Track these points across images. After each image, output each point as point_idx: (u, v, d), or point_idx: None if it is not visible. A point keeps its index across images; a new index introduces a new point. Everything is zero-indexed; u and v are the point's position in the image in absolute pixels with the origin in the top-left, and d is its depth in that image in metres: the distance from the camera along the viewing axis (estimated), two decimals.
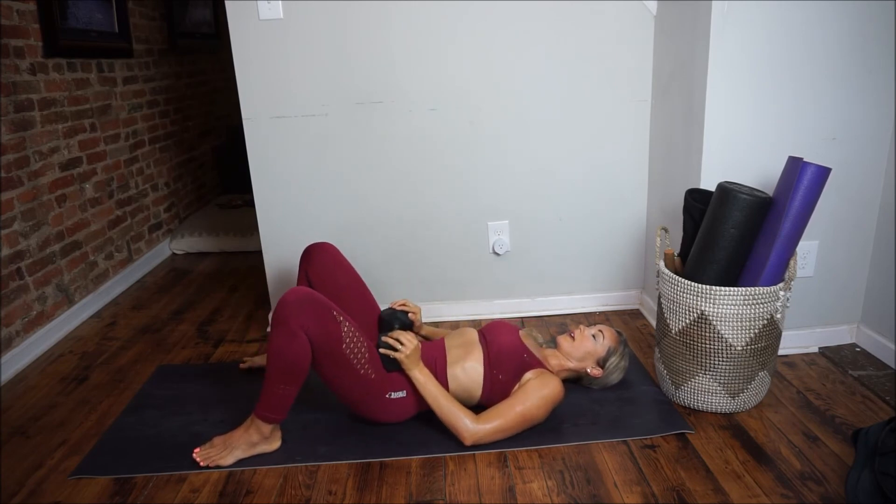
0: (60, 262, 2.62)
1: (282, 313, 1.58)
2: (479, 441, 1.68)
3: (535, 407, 1.71)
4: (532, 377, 1.76)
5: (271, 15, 2.19)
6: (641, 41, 2.31)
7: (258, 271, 3.23)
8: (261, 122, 2.30)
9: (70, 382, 2.19)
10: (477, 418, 1.69)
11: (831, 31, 1.90)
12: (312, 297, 1.62)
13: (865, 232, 2.11)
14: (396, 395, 1.74)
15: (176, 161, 3.83)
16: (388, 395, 1.73)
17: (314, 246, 1.99)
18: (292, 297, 1.60)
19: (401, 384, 1.75)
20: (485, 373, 1.76)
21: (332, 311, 1.63)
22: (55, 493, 1.63)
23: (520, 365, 1.77)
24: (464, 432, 1.67)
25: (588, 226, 2.51)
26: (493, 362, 1.77)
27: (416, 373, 1.72)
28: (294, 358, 1.59)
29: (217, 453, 1.69)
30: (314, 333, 1.59)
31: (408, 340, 1.71)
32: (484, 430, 1.68)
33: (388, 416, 1.77)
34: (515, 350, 1.79)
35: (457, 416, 1.68)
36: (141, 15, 3.42)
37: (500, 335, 1.83)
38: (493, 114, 2.35)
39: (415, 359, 1.72)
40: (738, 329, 1.74)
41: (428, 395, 1.71)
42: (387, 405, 1.74)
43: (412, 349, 1.70)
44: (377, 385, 1.71)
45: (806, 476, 1.58)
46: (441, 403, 1.69)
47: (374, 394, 1.71)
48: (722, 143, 1.98)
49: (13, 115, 2.36)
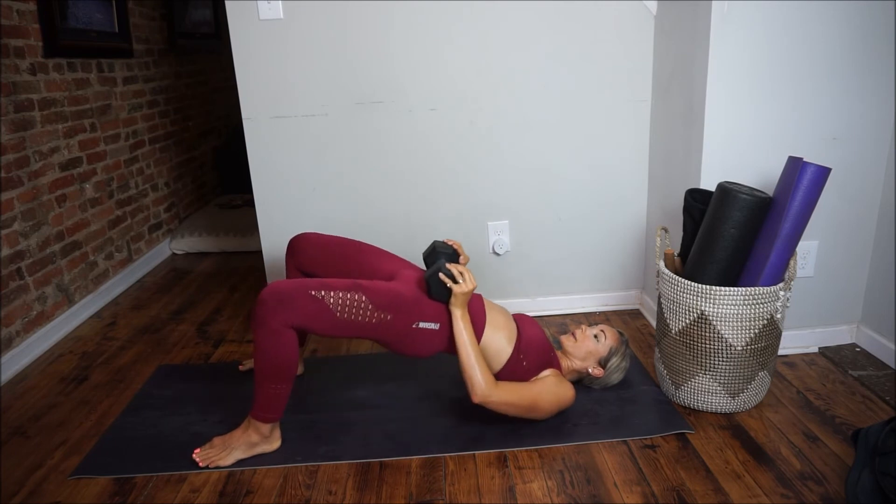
0: (60, 262, 2.62)
1: (259, 314, 1.58)
2: (485, 402, 1.67)
3: (547, 401, 1.73)
4: (551, 375, 1.79)
5: (271, 15, 2.19)
6: (641, 41, 2.31)
7: (258, 271, 3.23)
8: (261, 122, 2.30)
9: (70, 382, 2.19)
10: (495, 383, 1.68)
11: (831, 31, 1.90)
12: (283, 289, 1.60)
13: (865, 232, 2.11)
14: (426, 326, 1.71)
15: (176, 161, 3.83)
16: (416, 324, 1.70)
17: (295, 238, 2.00)
18: (265, 295, 1.59)
19: (435, 316, 1.72)
20: (512, 353, 1.76)
21: (308, 292, 1.60)
22: (55, 493, 1.63)
23: (545, 360, 1.80)
24: (477, 388, 1.66)
25: (588, 226, 2.51)
26: (523, 348, 1.77)
27: (460, 311, 1.70)
28: (279, 356, 1.59)
29: (217, 454, 1.69)
30: (299, 321, 1.58)
31: (469, 278, 1.69)
32: (496, 394, 1.67)
33: (414, 347, 1.73)
34: (545, 346, 1.82)
35: (478, 370, 1.67)
36: (141, 15, 3.42)
37: (532, 326, 1.86)
38: (493, 114, 2.35)
39: (465, 300, 1.70)
40: (738, 329, 1.74)
41: (461, 336, 1.69)
42: (414, 335, 1.71)
43: (470, 288, 1.69)
44: (398, 323, 1.68)
45: (806, 476, 1.58)
46: (469, 351, 1.68)
47: (397, 330, 1.68)
48: (722, 143, 1.98)
49: (13, 115, 2.36)
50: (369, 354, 2.30)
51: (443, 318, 1.73)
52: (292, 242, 2.00)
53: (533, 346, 1.79)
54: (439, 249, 1.80)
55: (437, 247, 1.81)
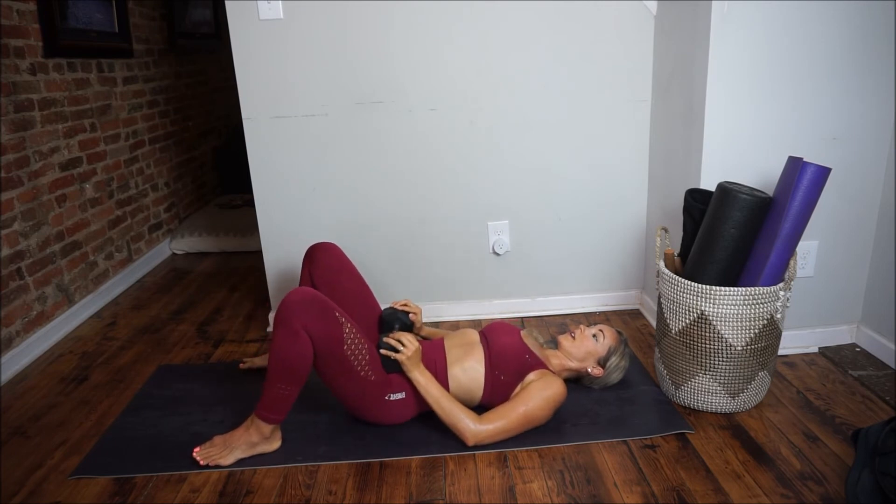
0: (60, 262, 2.62)
1: (285, 313, 1.59)
2: (481, 442, 1.68)
3: (538, 408, 1.71)
4: (534, 378, 1.76)
5: (271, 15, 2.19)
6: (641, 41, 2.31)
7: (258, 271, 3.23)
8: (261, 122, 2.30)
9: (70, 382, 2.19)
10: (479, 419, 1.69)
11: (831, 31, 1.90)
12: (315, 298, 1.62)
13: (865, 232, 2.11)
14: (396, 397, 1.74)
15: (176, 161, 3.83)
16: (388, 396, 1.73)
17: (318, 246, 2.00)
18: (296, 297, 1.60)
19: (400, 385, 1.75)
20: (486, 373, 1.76)
21: (334, 313, 1.63)
22: (55, 493, 1.63)
23: (522, 366, 1.77)
24: (466, 433, 1.67)
25: (588, 226, 2.51)
26: (495, 363, 1.76)
27: (416, 374, 1.71)
28: (295, 358, 1.59)
29: (217, 453, 1.69)
30: (316, 334, 1.59)
31: (409, 342, 1.71)
32: (487, 430, 1.68)
33: (388, 417, 1.77)
34: (517, 351, 1.79)
35: (458, 417, 1.68)
36: (141, 15, 3.42)
37: (501, 336, 1.83)
38: (493, 114, 2.35)
39: (415, 360, 1.72)
40: (738, 329, 1.74)
41: (429, 396, 1.70)
42: (386, 407, 1.74)
43: (413, 350, 1.70)
44: (377, 387, 1.71)
45: (806, 476, 1.58)
46: (442, 405, 1.69)
47: (373, 395, 1.71)
48: (722, 143, 1.98)
49: (13, 115, 2.36)
50: None
51: (405, 385, 1.75)
52: (313, 250, 1.99)
53: (504, 356, 1.77)
54: (385, 320, 1.90)
55: (384, 317, 1.91)
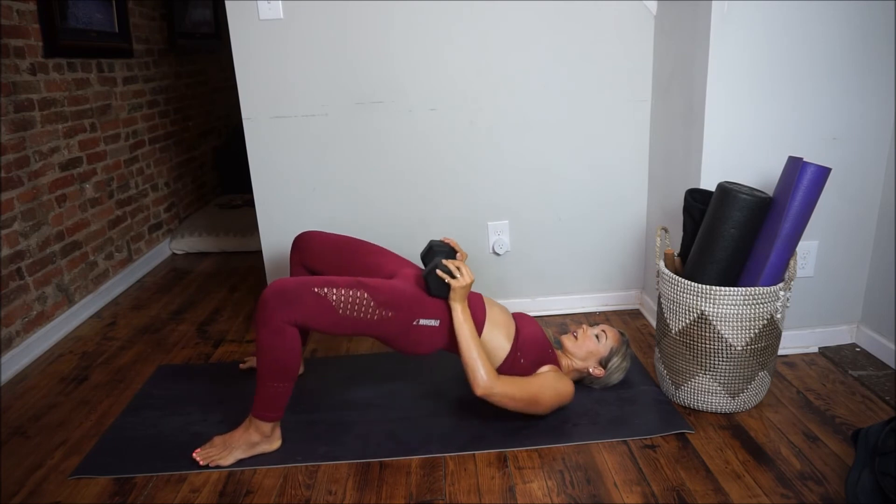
0: (60, 262, 2.62)
1: (262, 312, 1.58)
2: (487, 395, 1.67)
3: (548, 395, 1.73)
4: (549, 370, 1.80)
5: (271, 15, 2.19)
6: (641, 41, 2.31)
7: (258, 271, 3.23)
8: (261, 122, 2.30)
9: (70, 382, 2.19)
10: (496, 376, 1.69)
11: (831, 31, 1.90)
12: (286, 287, 1.60)
13: (865, 232, 2.11)
14: (426, 323, 1.71)
15: (176, 161, 3.83)
16: (416, 321, 1.70)
17: (299, 237, 2.02)
18: (268, 294, 1.59)
19: (435, 312, 1.73)
20: (510, 351, 1.77)
21: (311, 289, 1.60)
22: (55, 493, 1.63)
23: (542, 357, 1.81)
24: (480, 380, 1.66)
25: (588, 226, 2.51)
26: (521, 345, 1.78)
27: (459, 306, 1.71)
28: (283, 355, 1.59)
29: (217, 453, 1.69)
30: (302, 319, 1.58)
31: (467, 272, 1.70)
32: (498, 387, 1.67)
33: (415, 345, 1.73)
34: (543, 343, 1.83)
35: (479, 364, 1.67)
36: (141, 15, 3.42)
37: (531, 324, 1.87)
38: (493, 114, 2.35)
39: (464, 294, 1.71)
40: (738, 329, 1.74)
41: (462, 331, 1.69)
42: (414, 331, 1.71)
43: (468, 282, 1.69)
44: (399, 320, 1.68)
45: (806, 476, 1.58)
46: (471, 344, 1.68)
47: (398, 328, 1.69)
48: (722, 143, 1.98)
49: (13, 115, 2.36)
50: (369, 354, 2.30)
51: (443, 314, 1.73)
52: (297, 240, 2.02)
53: (530, 344, 1.80)
54: (436, 248, 1.81)
55: (434, 245, 1.82)
